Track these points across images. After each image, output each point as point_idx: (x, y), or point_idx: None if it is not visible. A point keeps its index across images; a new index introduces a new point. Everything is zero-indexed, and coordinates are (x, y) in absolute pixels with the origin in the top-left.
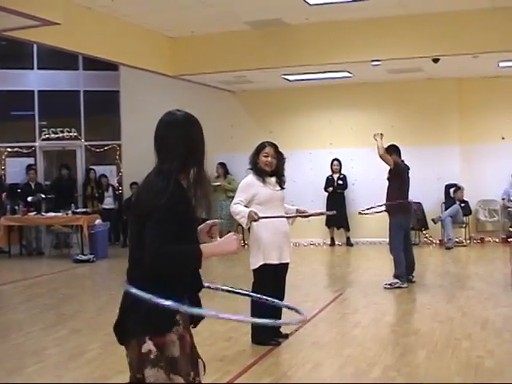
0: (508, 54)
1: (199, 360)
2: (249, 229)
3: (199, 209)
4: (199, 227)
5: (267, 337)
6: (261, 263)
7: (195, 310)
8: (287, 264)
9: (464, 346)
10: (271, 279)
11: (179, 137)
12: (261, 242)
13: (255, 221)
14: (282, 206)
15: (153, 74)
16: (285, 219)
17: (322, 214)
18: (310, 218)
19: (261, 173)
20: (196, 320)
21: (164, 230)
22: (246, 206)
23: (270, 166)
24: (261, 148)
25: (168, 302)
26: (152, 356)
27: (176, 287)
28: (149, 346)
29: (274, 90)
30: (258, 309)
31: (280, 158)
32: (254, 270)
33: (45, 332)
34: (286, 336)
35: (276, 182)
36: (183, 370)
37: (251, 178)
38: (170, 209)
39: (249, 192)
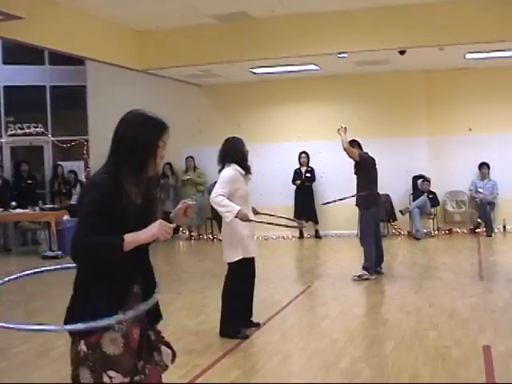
0: (474, 46)
1: (164, 347)
2: (220, 221)
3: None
4: (173, 211)
5: (234, 330)
6: (240, 257)
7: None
8: (254, 257)
9: (431, 336)
10: (249, 272)
11: (122, 137)
12: (241, 236)
13: (246, 221)
14: None
15: (120, 69)
16: (252, 215)
17: (290, 225)
18: (279, 210)
19: (248, 168)
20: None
21: (87, 225)
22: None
23: None
24: (243, 144)
25: (103, 322)
26: (82, 355)
27: (116, 282)
28: (81, 345)
29: (241, 84)
30: (229, 303)
31: None
32: (232, 264)
33: (11, 329)
34: (258, 325)
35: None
36: (125, 366)
37: (235, 171)
38: (97, 205)
39: (233, 185)
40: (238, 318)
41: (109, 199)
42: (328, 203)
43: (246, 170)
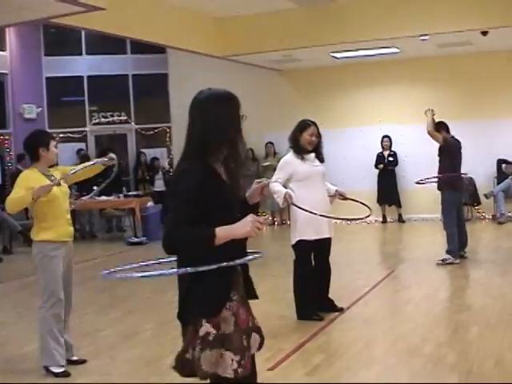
0: None
1: (254, 334)
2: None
3: (236, 188)
4: (249, 191)
5: (311, 312)
6: (297, 239)
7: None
8: (328, 239)
9: None
10: (309, 255)
11: (201, 116)
12: (297, 218)
13: (289, 204)
14: (322, 181)
15: (200, 56)
16: (324, 194)
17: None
18: (362, 194)
19: (301, 151)
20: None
21: (181, 215)
22: (283, 186)
23: (312, 144)
24: (305, 127)
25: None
26: (210, 338)
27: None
28: (207, 328)
29: (322, 68)
30: (297, 286)
31: (320, 136)
32: (293, 246)
33: (98, 314)
34: (341, 309)
35: (315, 158)
36: (236, 346)
37: (290, 156)
38: (191, 193)
39: (286, 170)
40: (308, 300)
41: (201, 185)
42: (421, 182)
43: (300, 153)
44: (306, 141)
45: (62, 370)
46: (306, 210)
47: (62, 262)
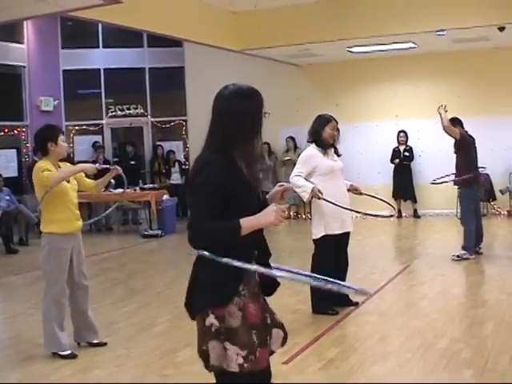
0: None
1: (276, 330)
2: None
3: (255, 183)
4: (270, 193)
5: (326, 306)
6: (322, 234)
7: (263, 269)
8: (349, 233)
9: None
10: (332, 250)
11: (226, 111)
12: (323, 212)
13: (318, 198)
14: (341, 176)
15: (217, 50)
16: (344, 188)
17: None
18: (377, 189)
19: (324, 145)
20: (270, 288)
21: (206, 207)
22: (305, 179)
23: (333, 139)
24: (327, 121)
25: (238, 263)
26: (213, 329)
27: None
28: (211, 319)
29: (339, 63)
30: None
31: (338, 130)
32: (316, 241)
33: (114, 306)
34: (356, 304)
35: (334, 153)
36: (242, 340)
37: (312, 150)
38: (214, 185)
39: (309, 164)
40: (324, 294)
41: (224, 178)
42: (437, 182)
43: (323, 147)
44: (329, 135)
45: (68, 352)
46: (336, 205)
47: (70, 253)
